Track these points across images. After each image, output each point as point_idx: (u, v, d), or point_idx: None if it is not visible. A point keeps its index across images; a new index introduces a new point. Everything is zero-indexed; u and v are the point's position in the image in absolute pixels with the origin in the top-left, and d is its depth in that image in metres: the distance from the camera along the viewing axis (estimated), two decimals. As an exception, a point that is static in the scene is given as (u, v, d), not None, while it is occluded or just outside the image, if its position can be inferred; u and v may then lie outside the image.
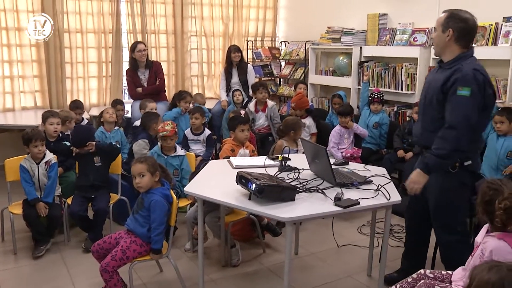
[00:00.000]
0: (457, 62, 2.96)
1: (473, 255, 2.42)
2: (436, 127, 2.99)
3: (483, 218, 2.43)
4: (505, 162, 4.25)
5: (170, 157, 4.38)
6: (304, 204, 2.78)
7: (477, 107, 2.87)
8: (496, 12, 4.99)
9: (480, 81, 2.86)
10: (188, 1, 7.50)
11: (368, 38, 6.47)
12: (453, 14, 2.99)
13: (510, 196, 2.24)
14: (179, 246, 4.20)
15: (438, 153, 2.92)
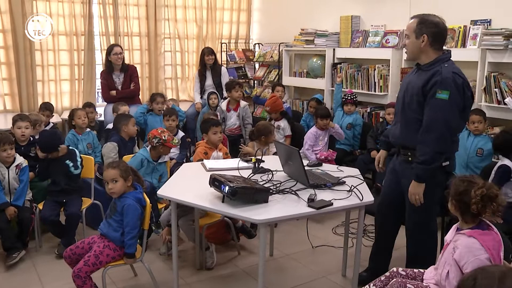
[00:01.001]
0: (436, 64, 3.00)
1: (444, 252, 2.46)
2: (416, 128, 3.04)
3: (454, 213, 2.48)
4: (475, 159, 4.38)
5: (158, 164, 4.39)
6: (278, 205, 2.78)
7: (457, 110, 2.93)
8: (464, 15, 5.10)
9: (459, 84, 2.91)
10: (161, 3, 7.46)
11: (341, 40, 6.52)
12: (423, 20, 3.03)
13: (485, 185, 2.35)
14: (154, 249, 4.16)
15: (422, 160, 2.97)
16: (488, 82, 4.73)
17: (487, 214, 2.36)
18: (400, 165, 3.23)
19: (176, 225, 3.30)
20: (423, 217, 3.18)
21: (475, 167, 4.41)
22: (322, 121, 5.20)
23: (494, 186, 2.40)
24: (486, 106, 4.77)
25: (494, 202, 2.32)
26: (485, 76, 4.76)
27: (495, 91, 4.69)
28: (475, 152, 4.41)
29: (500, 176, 3.75)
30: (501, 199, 2.35)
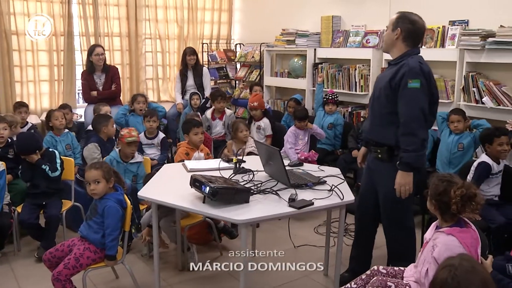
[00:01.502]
0: (403, 58, 3.08)
1: (423, 250, 2.49)
2: (383, 122, 3.11)
3: (434, 212, 2.51)
4: (457, 155, 4.48)
5: (129, 164, 4.32)
6: (258, 205, 2.79)
7: (427, 98, 3.00)
8: (443, 16, 5.17)
9: (426, 72, 3.00)
10: (142, 4, 7.42)
11: (322, 40, 6.55)
12: (403, 15, 3.13)
13: (464, 185, 2.38)
14: (135, 251, 4.14)
15: (412, 148, 2.97)
16: (467, 81, 4.80)
17: (466, 213, 2.39)
18: (373, 162, 3.28)
19: (157, 227, 3.28)
20: (397, 214, 3.22)
21: (458, 163, 4.49)
22: (300, 123, 5.22)
23: (473, 185, 2.43)
24: (465, 105, 4.83)
25: (473, 201, 2.36)
26: (464, 75, 4.82)
27: (473, 90, 4.75)
28: (457, 148, 4.50)
29: (479, 173, 3.81)
30: (479, 197, 2.38)
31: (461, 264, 1.79)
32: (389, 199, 3.18)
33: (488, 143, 3.82)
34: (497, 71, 4.79)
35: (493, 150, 3.80)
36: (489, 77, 4.82)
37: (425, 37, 5.24)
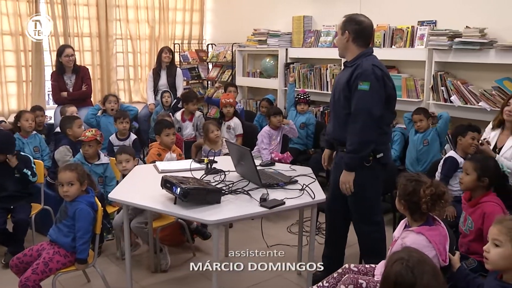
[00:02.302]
0: (358, 59, 3.13)
1: (392, 248, 2.52)
2: (344, 122, 3.15)
3: (403, 212, 2.55)
4: (423, 150, 4.58)
5: (94, 165, 4.24)
6: (230, 206, 2.79)
7: (379, 100, 3.04)
8: (412, 16, 5.25)
9: (379, 75, 3.03)
10: (112, 4, 7.33)
11: (293, 40, 6.58)
12: (349, 18, 3.20)
13: (433, 184, 2.42)
14: (107, 254, 4.09)
15: (350, 149, 3.07)
16: (435, 81, 4.89)
17: (436, 211, 2.43)
18: (339, 160, 3.31)
19: (128, 228, 3.25)
20: (364, 209, 3.28)
21: (426, 160, 4.58)
22: (275, 118, 5.22)
23: (441, 183, 2.48)
24: (434, 104, 4.92)
25: (442, 199, 2.40)
26: (432, 75, 4.91)
27: (441, 89, 4.84)
28: (422, 144, 4.60)
29: (447, 167, 3.87)
30: (448, 195, 2.43)
31: (412, 256, 1.83)
32: (355, 197, 3.23)
33: (461, 135, 3.88)
34: (464, 71, 4.90)
35: (465, 143, 3.85)
36: (456, 76, 4.92)
37: (395, 36, 5.33)
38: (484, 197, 2.98)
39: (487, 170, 3.00)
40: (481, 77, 4.78)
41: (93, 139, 4.21)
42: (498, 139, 3.89)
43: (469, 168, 3.04)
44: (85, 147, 4.21)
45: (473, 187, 3.02)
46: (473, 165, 3.03)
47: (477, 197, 3.01)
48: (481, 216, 2.91)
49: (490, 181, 2.99)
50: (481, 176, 2.98)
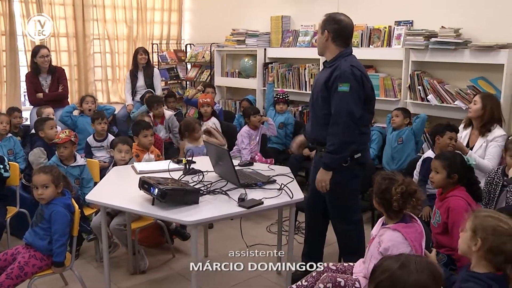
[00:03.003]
0: (337, 60, 3.14)
1: (370, 246, 2.54)
2: (323, 122, 3.16)
3: (379, 209, 2.58)
4: (397, 148, 4.64)
5: (70, 167, 4.18)
6: (208, 206, 2.78)
7: (359, 100, 3.06)
8: (389, 16, 5.30)
9: (358, 76, 3.04)
10: (89, 3, 7.26)
11: (272, 40, 6.60)
12: (329, 17, 3.20)
13: (404, 182, 2.45)
14: (85, 256, 4.04)
15: (330, 150, 3.08)
16: (412, 80, 4.94)
17: (408, 209, 2.46)
18: (319, 160, 3.32)
19: (106, 230, 3.22)
20: (342, 208, 3.30)
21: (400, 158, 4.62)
22: (255, 117, 5.23)
23: (413, 182, 2.51)
24: (411, 103, 4.98)
25: (413, 197, 2.43)
26: (409, 74, 4.96)
27: (418, 88, 4.90)
28: (396, 142, 4.65)
29: (426, 169, 3.91)
30: (419, 194, 2.46)
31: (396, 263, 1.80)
32: (333, 196, 3.25)
33: (439, 135, 3.92)
34: (440, 70, 4.96)
35: (442, 142, 3.90)
36: (433, 75, 4.98)
37: (372, 36, 5.38)
38: (451, 192, 3.04)
39: (455, 167, 3.05)
40: (457, 76, 4.85)
41: (67, 140, 4.14)
42: (470, 138, 3.97)
43: (438, 167, 3.08)
44: (60, 149, 4.15)
45: (445, 184, 3.08)
46: (442, 163, 3.08)
47: (446, 192, 3.07)
48: (446, 210, 2.98)
49: (459, 177, 3.05)
50: (451, 173, 3.04)
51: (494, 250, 1.90)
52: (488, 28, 4.55)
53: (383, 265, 1.79)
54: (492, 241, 1.90)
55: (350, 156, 3.14)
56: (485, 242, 1.91)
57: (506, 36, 4.41)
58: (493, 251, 1.90)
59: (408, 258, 1.78)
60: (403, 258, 1.78)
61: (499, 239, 1.89)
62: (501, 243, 1.89)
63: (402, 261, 1.75)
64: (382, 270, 1.76)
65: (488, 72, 4.55)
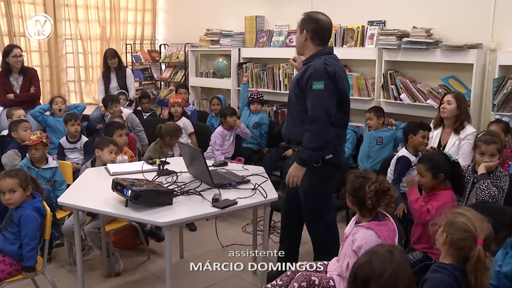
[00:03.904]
0: (313, 58, 3.15)
1: (343, 245, 2.57)
2: (298, 121, 3.17)
3: (352, 208, 2.60)
4: (375, 148, 4.67)
5: (41, 170, 4.11)
6: (182, 207, 2.77)
7: (334, 97, 3.05)
8: (362, 16, 5.35)
9: (331, 74, 3.03)
10: (61, 3, 7.14)
11: (246, 40, 6.60)
12: (307, 16, 3.22)
13: (378, 180, 2.48)
14: (58, 260, 3.98)
15: (309, 147, 3.06)
16: (385, 79, 4.99)
17: (381, 206, 2.49)
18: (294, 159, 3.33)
19: (78, 233, 3.17)
20: (317, 209, 3.31)
21: (376, 157, 4.65)
22: (231, 118, 5.22)
23: (386, 180, 2.55)
24: (384, 102, 5.03)
25: (387, 195, 2.46)
26: (382, 73, 5.02)
27: (391, 87, 4.95)
28: (375, 141, 4.68)
29: (401, 167, 3.95)
30: (392, 191, 2.49)
31: (381, 252, 1.87)
32: (308, 196, 3.27)
33: (412, 133, 3.97)
34: (412, 69, 5.03)
35: (415, 141, 3.96)
36: (405, 75, 5.05)
37: (346, 36, 5.42)
38: (438, 191, 3.07)
39: (439, 166, 3.08)
40: (429, 75, 4.92)
41: (39, 141, 4.07)
42: (441, 137, 4.03)
43: (423, 170, 3.11)
44: (32, 151, 4.08)
45: (433, 185, 3.10)
46: (425, 166, 3.10)
47: (436, 190, 3.10)
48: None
49: (445, 175, 3.09)
50: (436, 174, 3.06)
51: (454, 245, 1.98)
52: (458, 29, 4.64)
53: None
54: (452, 235, 1.98)
55: (321, 158, 3.14)
56: (448, 236, 2.00)
57: (475, 37, 4.50)
58: (453, 245, 1.98)
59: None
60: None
61: (458, 234, 1.97)
62: (459, 239, 1.96)
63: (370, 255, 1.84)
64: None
65: (459, 71, 4.64)
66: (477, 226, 1.95)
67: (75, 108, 5.72)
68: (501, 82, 4.23)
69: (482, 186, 3.10)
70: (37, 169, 4.09)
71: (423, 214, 2.95)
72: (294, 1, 6.06)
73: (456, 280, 1.94)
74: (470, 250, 1.92)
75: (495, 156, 3.28)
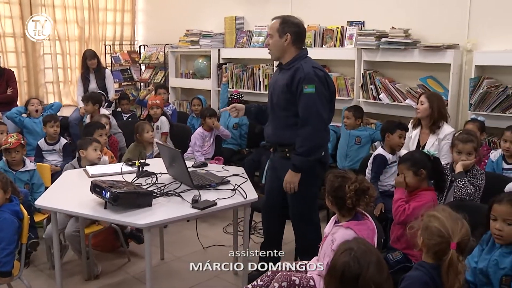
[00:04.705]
0: (296, 62, 3.16)
1: (323, 244, 2.58)
2: (284, 124, 3.18)
3: (332, 208, 2.61)
4: (354, 148, 4.70)
5: (19, 172, 4.06)
6: (162, 208, 2.76)
7: (325, 101, 3.10)
8: (341, 17, 5.37)
9: (322, 77, 3.09)
10: (37, 3, 7.02)
11: (226, 41, 6.59)
12: (286, 20, 3.21)
13: (357, 180, 2.50)
14: (37, 264, 3.93)
15: (301, 152, 3.08)
16: (365, 79, 5.03)
17: (361, 206, 2.51)
18: (278, 161, 3.34)
19: (57, 236, 3.13)
20: (305, 209, 3.32)
21: (355, 157, 4.68)
22: (210, 119, 5.20)
23: (366, 179, 2.57)
24: (364, 102, 5.06)
25: (366, 194, 2.48)
26: (362, 73, 5.05)
27: (370, 87, 4.99)
28: (354, 141, 4.71)
29: (377, 165, 3.99)
30: (372, 190, 2.51)
31: (359, 246, 1.87)
32: (296, 196, 3.26)
33: (390, 132, 4.01)
34: (391, 69, 5.07)
35: (392, 140, 3.99)
36: (384, 75, 5.09)
37: (325, 36, 5.44)
38: (420, 191, 3.06)
39: (419, 162, 3.07)
40: (407, 75, 4.97)
41: (19, 144, 4.04)
42: (420, 137, 4.07)
43: (403, 169, 3.11)
44: (12, 154, 4.04)
45: (416, 183, 3.07)
46: (405, 165, 3.11)
47: (418, 190, 3.08)
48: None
49: (427, 171, 3.07)
50: (417, 170, 3.05)
51: (430, 249, 2.02)
52: (435, 29, 4.69)
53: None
54: (428, 241, 2.02)
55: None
56: (424, 241, 2.04)
57: (452, 37, 4.56)
58: (429, 250, 2.03)
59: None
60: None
61: (432, 240, 2.01)
62: (434, 244, 2.00)
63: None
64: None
65: (436, 71, 4.69)
66: (451, 230, 1.97)
67: (50, 108, 5.66)
68: (477, 82, 4.29)
69: (459, 185, 3.14)
70: (15, 172, 4.04)
71: (399, 214, 2.96)
72: (274, 1, 6.07)
73: (432, 279, 1.98)
74: (444, 253, 1.95)
75: (472, 154, 3.32)
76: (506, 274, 2.30)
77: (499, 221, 2.33)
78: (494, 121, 4.21)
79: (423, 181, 3.09)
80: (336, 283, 1.84)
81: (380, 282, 1.78)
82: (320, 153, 3.15)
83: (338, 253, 1.90)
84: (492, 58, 4.32)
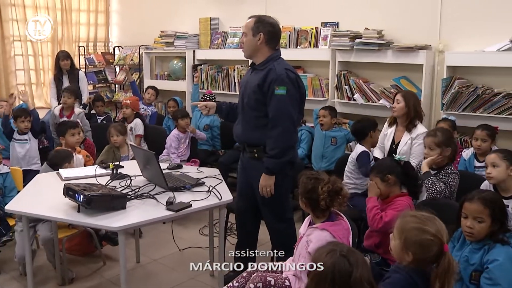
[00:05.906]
0: (269, 63, 3.16)
1: (298, 245, 2.58)
2: (254, 125, 3.19)
3: (306, 210, 2.62)
4: (330, 148, 4.72)
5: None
6: (136, 211, 2.74)
7: (296, 103, 3.12)
8: (316, 18, 5.40)
9: (293, 79, 3.10)
10: (7, 2, 6.90)
11: (201, 42, 6.57)
12: (261, 19, 3.19)
13: (330, 181, 2.50)
14: (7, 270, 3.85)
15: (272, 154, 3.09)
16: (339, 80, 5.06)
17: (335, 207, 2.52)
18: (248, 162, 3.35)
19: (28, 242, 3.08)
20: (276, 208, 3.33)
21: (331, 157, 4.71)
22: (183, 120, 5.17)
23: (338, 180, 2.56)
24: (338, 102, 5.10)
25: (340, 195, 2.49)
26: (336, 74, 5.08)
27: (345, 88, 5.03)
28: (330, 141, 4.73)
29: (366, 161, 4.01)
30: (345, 191, 2.53)
31: (341, 246, 1.88)
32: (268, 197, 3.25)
33: (373, 130, 4.05)
34: (365, 70, 5.12)
35: (375, 137, 4.05)
36: (358, 75, 5.13)
37: (300, 37, 5.47)
38: (395, 198, 3.06)
39: (385, 168, 3.08)
40: (381, 76, 5.02)
41: None
42: (395, 135, 4.12)
43: (372, 177, 3.12)
44: None
45: (385, 189, 3.06)
46: (373, 172, 3.13)
47: (392, 197, 3.07)
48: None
49: (395, 176, 3.05)
50: (383, 177, 3.04)
51: (422, 261, 2.00)
52: (408, 30, 4.75)
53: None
54: (419, 256, 2.00)
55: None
56: (414, 255, 2.01)
57: (424, 38, 4.62)
58: (420, 262, 2.01)
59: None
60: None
61: (426, 249, 1.99)
62: (427, 257, 1.99)
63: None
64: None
65: (410, 71, 4.75)
66: (440, 234, 1.98)
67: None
68: (449, 82, 4.36)
69: (428, 184, 3.19)
70: (-13, 176, 3.97)
71: (376, 222, 2.95)
72: (248, 2, 6.08)
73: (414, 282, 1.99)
74: (437, 258, 1.96)
75: (433, 150, 3.34)
76: (475, 269, 2.35)
77: (470, 219, 2.37)
78: (465, 120, 4.28)
79: (393, 187, 3.07)
80: (324, 285, 1.79)
81: (370, 281, 1.78)
82: (291, 154, 3.17)
83: (321, 256, 1.84)
84: (463, 58, 4.39)
